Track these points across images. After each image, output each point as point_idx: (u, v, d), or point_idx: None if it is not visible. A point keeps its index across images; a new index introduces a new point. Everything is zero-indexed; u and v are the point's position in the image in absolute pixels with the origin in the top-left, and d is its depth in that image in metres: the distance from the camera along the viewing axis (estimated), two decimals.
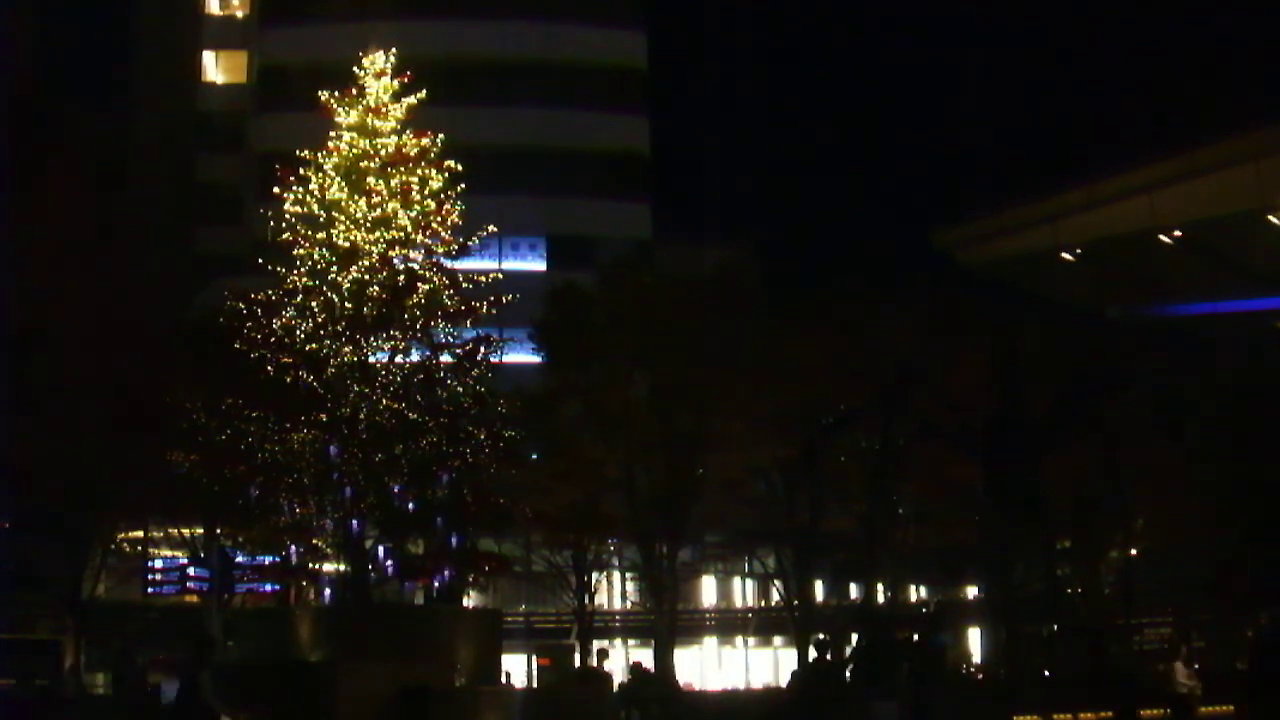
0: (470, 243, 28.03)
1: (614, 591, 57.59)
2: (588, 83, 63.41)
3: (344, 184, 26.97)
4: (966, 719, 29.18)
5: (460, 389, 27.23)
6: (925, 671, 17.83)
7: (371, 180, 27.04)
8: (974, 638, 56.95)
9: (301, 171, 27.27)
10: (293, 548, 26.65)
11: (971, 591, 57.98)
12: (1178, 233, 35.66)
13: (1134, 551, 49.11)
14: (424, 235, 27.41)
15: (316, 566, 27.63)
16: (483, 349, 27.54)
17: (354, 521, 26.09)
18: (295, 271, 26.88)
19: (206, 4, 67.01)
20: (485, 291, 27.67)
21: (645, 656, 45.40)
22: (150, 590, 43.81)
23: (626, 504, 41.96)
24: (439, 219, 27.40)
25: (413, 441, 26.22)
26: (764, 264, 53.53)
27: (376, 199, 26.88)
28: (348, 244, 26.74)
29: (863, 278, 42.78)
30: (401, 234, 27.05)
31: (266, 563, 33.04)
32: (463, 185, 27.98)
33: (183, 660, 15.94)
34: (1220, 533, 45.06)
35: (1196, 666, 25.29)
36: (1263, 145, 32.90)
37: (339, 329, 26.49)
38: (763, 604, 60.34)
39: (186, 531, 41.01)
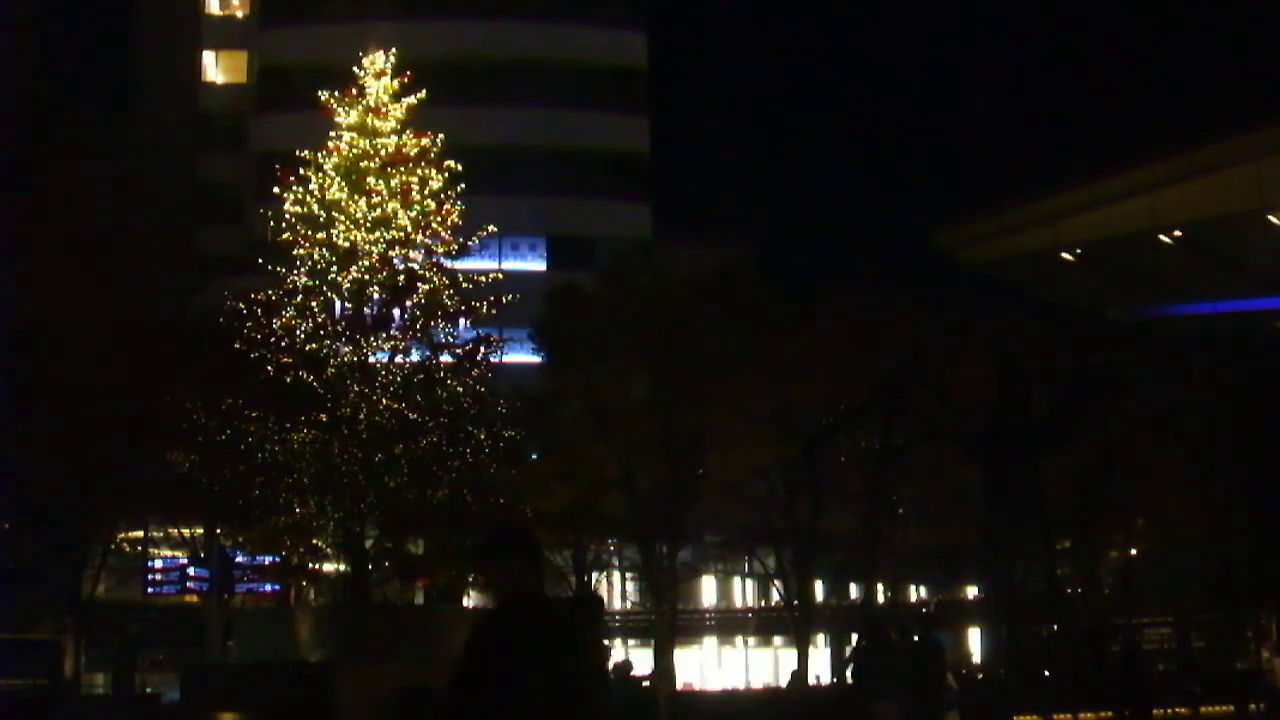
0: (470, 243, 28.08)
1: (614, 591, 57.55)
2: (588, 83, 63.33)
3: (344, 184, 27.03)
4: (966, 719, 29.14)
5: (460, 389, 27.28)
6: (924, 671, 17.82)
7: (371, 180, 27.09)
8: (974, 638, 56.87)
9: (301, 171, 27.33)
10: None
11: (971, 591, 57.91)
12: (1178, 233, 35.69)
13: (1134, 551, 49.06)
14: (424, 235, 27.48)
15: (316, 566, 27.70)
16: (483, 349, 27.61)
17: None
18: (295, 271, 26.94)
19: (206, 4, 66.93)
20: (485, 291, 27.71)
21: (642, 657, 45.43)
22: (150, 590, 43.73)
23: (626, 504, 41.89)
24: (439, 219, 27.47)
25: (413, 441, 26.26)
26: (763, 264, 53.49)
27: (376, 199, 26.93)
28: (348, 244, 26.79)
29: (863, 277, 42.74)
30: (401, 234, 27.10)
31: (266, 563, 33.12)
32: (463, 185, 28.02)
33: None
34: (1220, 533, 45.01)
35: None
36: (1263, 145, 32.92)
37: (339, 329, 26.53)
38: (763, 604, 60.30)
39: (186, 531, 40.97)
